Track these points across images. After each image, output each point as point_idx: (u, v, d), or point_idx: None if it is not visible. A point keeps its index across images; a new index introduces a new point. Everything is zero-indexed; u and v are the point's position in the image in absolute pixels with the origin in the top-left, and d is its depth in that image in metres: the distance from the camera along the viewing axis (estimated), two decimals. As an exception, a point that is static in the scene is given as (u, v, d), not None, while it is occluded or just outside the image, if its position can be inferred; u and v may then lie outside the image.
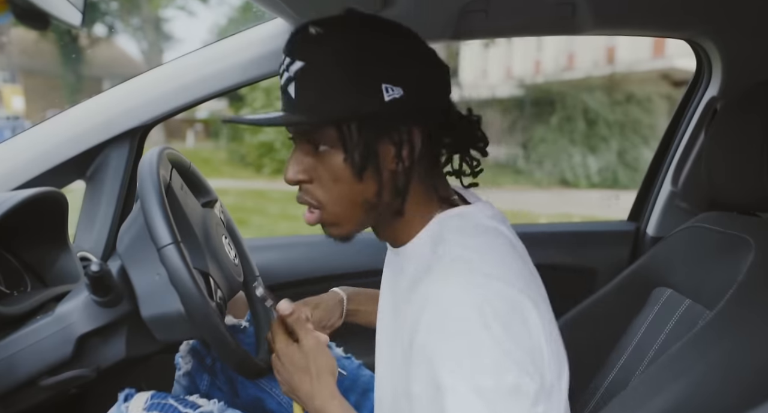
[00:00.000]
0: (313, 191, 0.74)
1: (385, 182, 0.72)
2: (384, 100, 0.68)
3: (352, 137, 0.70)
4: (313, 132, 0.72)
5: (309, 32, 0.69)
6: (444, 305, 0.65)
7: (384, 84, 0.68)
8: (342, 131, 0.69)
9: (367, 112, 0.69)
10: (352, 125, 0.69)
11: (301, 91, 0.70)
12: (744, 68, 1.28)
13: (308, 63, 0.69)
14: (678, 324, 0.91)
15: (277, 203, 6.78)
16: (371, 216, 0.75)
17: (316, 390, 0.78)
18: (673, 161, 1.48)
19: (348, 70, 0.68)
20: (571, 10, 1.10)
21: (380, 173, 0.71)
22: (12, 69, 8.42)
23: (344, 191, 0.72)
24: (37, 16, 0.46)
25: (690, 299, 0.91)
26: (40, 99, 8.36)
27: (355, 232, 0.78)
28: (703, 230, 0.97)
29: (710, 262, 0.91)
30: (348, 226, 0.76)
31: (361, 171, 0.70)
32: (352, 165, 0.70)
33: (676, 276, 0.97)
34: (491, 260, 0.68)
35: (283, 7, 1.04)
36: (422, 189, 0.75)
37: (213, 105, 9.13)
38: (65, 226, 1.04)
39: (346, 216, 0.75)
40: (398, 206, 0.75)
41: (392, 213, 0.75)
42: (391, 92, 0.68)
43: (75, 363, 0.87)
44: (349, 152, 0.70)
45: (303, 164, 0.74)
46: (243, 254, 1.11)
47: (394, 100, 0.68)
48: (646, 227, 1.54)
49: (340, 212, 0.74)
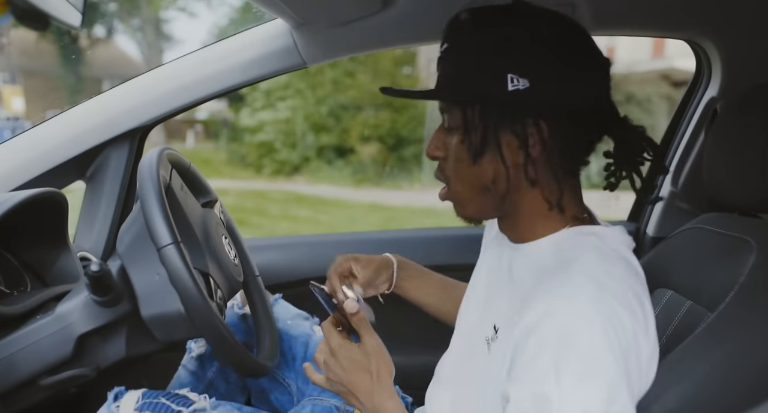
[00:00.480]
0: (443, 167, 0.78)
1: (508, 171, 0.73)
2: (507, 90, 0.69)
3: (473, 120, 0.72)
4: (445, 110, 0.76)
5: (460, 17, 0.74)
6: (569, 320, 0.63)
7: (510, 74, 0.69)
8: (465, 113, 0.72)
9: (489, 98, 0.70)
10: (475, 108, 0.72)
11: (442, 70, 0.75)
12: (743, 69, 1.28)
13: (450, 45, 0.73)
14: (679, 325, 0.90)
15: (277, 203, 6.78)
16: (495, 203, 0.77)
17: (375, 390, 0.78)
18: (673, 161, 1.48)
19: (478, 56, 0.71)
20: (571, 10, 1.10)
21: (499, 161, 0.73)
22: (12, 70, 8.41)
23: (464, 172, 0.75)
24: (36, 17, 0.46)
25: (691, 300, 0.90)
26: (40, 100, 8.35)
27: (478, 215, 0.80)
28: (704, 231, 0.97)
29: (711, 264, 0.91)
30: (470, 207, 0.78)
31: (476, 155, 0.73)
32: (468, 147, 0.73)
33: (676, 278, 0.96)
34: (623, 290, 0.67)
35: (282, 8, 1.04)
36: (550, 190, 0.74)
37: (213, 106, 9.13)
38: (65, 226, 1.04)
39: (466, 197, 0.77)
40: (529, 198, 0.75)
41: (519, 205, 0.76)
42: (515, 83, 0.69)
43: (75, 363, 0.87)
44: (466, 134, 0.73)
45: (439, 139, 0.78)
46: (243, 254, 1.12)
47: (518, 92, 0.69)
48: (645, 227, 1.54)
49: (462, 191, 0.77)
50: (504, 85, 0.69)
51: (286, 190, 7.51)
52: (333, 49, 1.21)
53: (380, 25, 1.13)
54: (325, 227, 6.03)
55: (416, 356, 1.23)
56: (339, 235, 1.55)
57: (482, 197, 0.76)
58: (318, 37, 1.17)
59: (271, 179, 7.96)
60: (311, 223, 6.07)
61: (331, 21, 1.13)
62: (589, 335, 0.62)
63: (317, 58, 1.21)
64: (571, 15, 1.10)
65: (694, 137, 1.43)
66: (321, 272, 1.36)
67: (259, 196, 7.18)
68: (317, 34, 1.16)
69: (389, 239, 1.46)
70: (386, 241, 1.45)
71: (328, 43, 1.19)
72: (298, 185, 7.83)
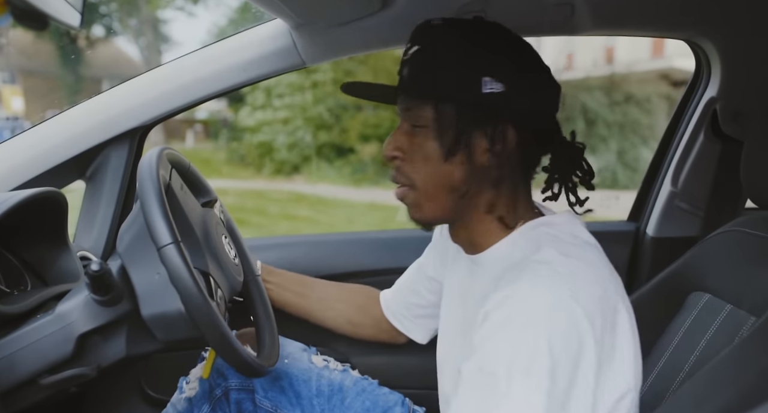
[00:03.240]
0: (404, 169, 0.78)
1: (474, 172, 0.75)
2: (482, 92, 0.71)
3: (447, 119, 0.73)
4: (412, 110, 0.76)
5: (431, 22, 0.76)
6: (522, 301, 0.66)
7: (484, 77, 0.72)
8: (438, 111, 0.74)
9: (464, 98, 0.72)
10: (448, 106, 0.73)
11: (410, 71, 0.76)
12: (743, 69, 1.28)
13: (421, 47, 0.75)
14: (719, 330, 0.89)
15: (276, 203, 6.78)
16: (455, 206, 0.77)
17: None
18: (673, 161, 1.48)
19: (452, 57, 0.73)
20: (570, 10, 1.10)
21: (469, 162, 0.74)
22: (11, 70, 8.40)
23: (433, 171, 0.76)
24: (35, 17, 0.46)
25: (731, 304, 0.89)
26: (39, 100, 8.35)
27: (434, 218, 0.80)
28: (743, 234, 0.95)
29: (753, 267, 0.89)
30: (429, 209, 0.78)
31: (449, 154, 0.74)
32: (441, 145, 0.74)
33: (714, 281, 0.95)
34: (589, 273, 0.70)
35: (282, 8, 1.04)
36: (510, 192, 0.78)
37: (212, 105, 9.12)
38: (65, 226, 1.04)
39: (431, 197, 0.77)
40: (485, 201, 0.77)
41: (476, 208, 0.77)
42: (490, 86, 0.72)
43: (75, 362, 0.87)
44: (440, 132, 0.74)
45: (400, 141, 0.78)
46: (243, 253, 1.11)
47: (492, 95, 0.72)
48: (645, 227, 1.54)
49: (428, 192, 0.77)
50: (478, 86, 0.72)
51: (285, 190, 7.51)
52: (332, 49, 1.21)
53: (380, 25, 1.13)
54: (324, 226, 6.04)
55: (416, 356, 1.23)
56: (339, 235, 1.55)
57: (446, 197, 0.77)
58: (317, 37, 1.17)
59: (271, 179, 7.96)
60: (311, 223, 6.07)
61: (330, 21, 1.13)
62: (539, 315, 0.64)
63: (316, 58, 1.21)
64: (570, 15, 1.11)
65: (694, 137, 1.43)
66: (321, 272, 1.37)
67: (258, 196, 7.18)
68: (316, 34, 1.16)
69: (389, 239, 1.46)
70: (386, 241, 1.45)
71: (327, 43, 1.19)
72: (298, 185, 7.83)
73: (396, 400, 1.14)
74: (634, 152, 7.67)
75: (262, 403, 1.08)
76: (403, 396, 1.15)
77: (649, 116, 7.75)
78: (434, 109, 0.74)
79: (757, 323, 0.78)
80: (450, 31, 0.75)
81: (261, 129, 8.13)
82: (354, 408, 1.09)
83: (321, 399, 1.09)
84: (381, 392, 1.14)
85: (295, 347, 1.18)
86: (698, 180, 1.44)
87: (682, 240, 1.35)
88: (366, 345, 1.24)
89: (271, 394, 1.09)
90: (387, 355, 1.30)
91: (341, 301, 1.20)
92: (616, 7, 1.14)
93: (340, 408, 1.09)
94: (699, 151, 1.43)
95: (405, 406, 1.14)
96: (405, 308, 1.14)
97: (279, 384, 1.09)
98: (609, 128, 7.80)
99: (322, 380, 1.11)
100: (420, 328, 1.15)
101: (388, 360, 1.32)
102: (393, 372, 1.30)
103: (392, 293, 1.17)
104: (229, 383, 1.09)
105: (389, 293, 1.18)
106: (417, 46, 0.75)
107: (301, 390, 1.10)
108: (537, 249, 0.72)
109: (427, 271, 1.08)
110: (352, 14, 1.11)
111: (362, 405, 1.09)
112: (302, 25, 1.14)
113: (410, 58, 0.76)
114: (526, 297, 0.66)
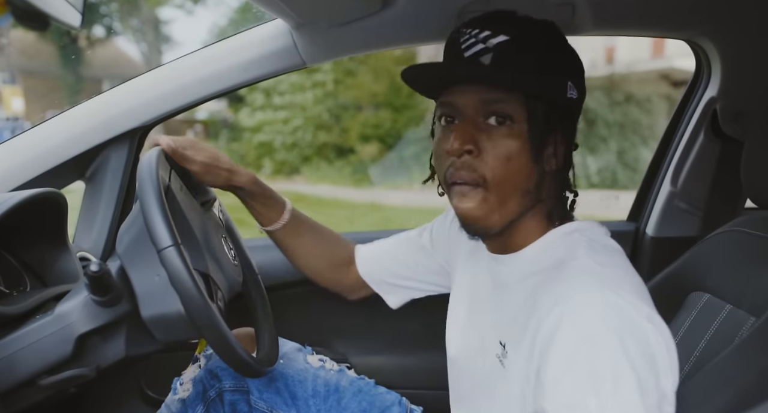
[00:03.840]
0: (478, 166, 0.71)
1: (544, 175, 0.73)
2: (566, 96, 0.71)
3: (538, 117, 0.70)
4: (494, 103, 0.71)
5: (513, 12, 0.73)
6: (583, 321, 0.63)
7: (570, 81, 0.72)
8: (530, 108, 0.70)
9: (553, 99, 0.71)
10: (539, 104, 0.70)
11: (498, 62, 0.70)
12: (743, 69, 1.28)
13: (513, 38, 0.70)
14: (719, 330, 0.88)
15: (276, 204, 6.77)
16: (521, 210, 0.74)
17: None
18: (673, 161, 1.48)
19: (551, 53, 0.71)
20: (572, 11, 1.10)
21: (548, 164, 0.73)
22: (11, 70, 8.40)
23: (514, 170, 0.70)
24: (36, 17, 0.46)
25: (731, 304, 0.88)
26: (39, 100, 8.34)
27: (498, 225, 0.74)
28: (743, 234, 0.95)
29: (753, 267, 0.89)
30: (498, 215, 0.73)
31: (538, 153, 0.70)
32: (530, 144, 0.70)
33: (714, 281, 0.95)
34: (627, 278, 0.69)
35: (282, 8, 1.04)
36: (556, 199, 0.78)
37: (213, 106, 9.12)
38: (65, 226, 1.04)
39: (504, 198, 0.72)
40: (544, 207, 0.76)
41: (530, 214, 0.76)
42: (571, 92, 0.72)
43: (75, 363, 0.87)
44: (532, 131, 0.70)
45: (473, 135, 0.71)
46: (242, 254, 1.11)
47: (572, 100, 0.72)
48: (645, 227, 1.54)
49: (504, 192, 0.71)
50: (565, 91, 0.71)
51: (286, 190, 7.51)
52: (333, 49, 1.21)
53: (380, 25, 1.13)
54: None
55: (416, 356, 1.23)
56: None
57: (518, 200, 0.73)
58: (318, 37, 1.17)
59: (271, 179, 7.96)
60: (311, 223, 6.06)
61: (330, 21, 1.13)
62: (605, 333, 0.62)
63: (317, 58, 1.21)
64: (571, 16, 1.11)
65: (694, 137, 1.43)
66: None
67: (258, 196, 7.16)
68: (317, 35, 1.16)
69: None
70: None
71: (327, 43, 1.19)
72: (298, 185, 7.83)
73: (393, 400, 1.13)
74: (634, 152, 7.67)
75: (257, 404, 1.08)
76: (400, 396, 1.15)
77: (649, 116, 7.75)
78: (525, 105, 0.69)
79: (757, 323, 0.78)
80: (538, 29, 0.72)
81: (261, 129, 8.14)
82: (350, 409, 1.09)
83: (317, 400, 1.08)
84: (377, 392, 1.13)
85: (291, 347, 1.17)
86: (698, 180, 1.44)
87: (682, 240, 1.35)
88: (365, 345, 1.24)
89: (267, 395, 1.08)
90: (385, 355, 1.30)
91: (320, 256, 1.14)
92: (617, 7, 1.14)
93: (337, 409, 1.08)
94: (699, 151, 1.43)
95: (402, 406, 1.13)
96: (388, 275, 1.09)
97: (274, 384, 1.09)
98: (609, 128, 7.79)
99: (318, 380, 1.10)
100: (397, 294, 1.10)
101: (386, 359, 1.32)
102: (390, 372, 1.30)
103: (372, 257, 1.11)
104: (223, 384, 1.08)
105: (367, 253, 1.12)
106: (505, 37, 0.69)
107: (296, 390, 1.09)
108: (574, 255, 0.71)
109: (424, 248, 1.05)
110: (353, 14, 1.11)
111: (359, 405, 1.09)
112: (303, 25, 1.14)
113: (496, 49, 0.70)
114: (586, 316, 0.63)
